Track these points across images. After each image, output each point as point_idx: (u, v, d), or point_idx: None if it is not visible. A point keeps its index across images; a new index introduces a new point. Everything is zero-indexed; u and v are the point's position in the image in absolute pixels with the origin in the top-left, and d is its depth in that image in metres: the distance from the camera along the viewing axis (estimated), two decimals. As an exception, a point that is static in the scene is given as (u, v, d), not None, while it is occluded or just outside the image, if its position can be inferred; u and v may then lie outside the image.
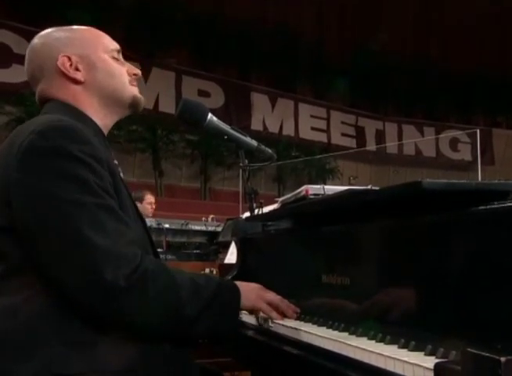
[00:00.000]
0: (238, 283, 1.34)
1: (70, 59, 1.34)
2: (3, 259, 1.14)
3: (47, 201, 1.10)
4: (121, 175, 1.32)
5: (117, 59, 1.41)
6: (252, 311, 1.41)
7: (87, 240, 1.08)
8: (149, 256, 1.19)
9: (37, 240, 1.11)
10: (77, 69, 1.35)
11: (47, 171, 1.12)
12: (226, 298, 1.25)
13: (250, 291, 1.35)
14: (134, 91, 1.42)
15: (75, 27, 1.43)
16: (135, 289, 1.09)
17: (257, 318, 1.45)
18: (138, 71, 1.45)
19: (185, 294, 1.16)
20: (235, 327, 1.29)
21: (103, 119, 1.38)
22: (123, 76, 1.40)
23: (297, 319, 1.42)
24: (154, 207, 5.26)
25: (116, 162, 1.33)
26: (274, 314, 1.39)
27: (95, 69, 1.36)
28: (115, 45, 1.43)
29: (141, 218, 1.33)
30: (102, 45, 1.40)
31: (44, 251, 1.11)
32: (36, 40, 1.40)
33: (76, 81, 1.34)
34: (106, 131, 1.39)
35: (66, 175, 1.12)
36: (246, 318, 1.50)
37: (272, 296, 1.40)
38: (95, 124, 1.35)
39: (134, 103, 1.42)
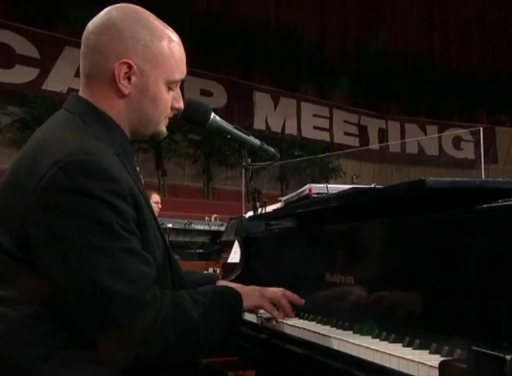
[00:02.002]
0: (238, 286, 1.35)
1: (130, 67, 1.23)
2: (13, 284, 1.12)
3: (68, 245, 1.07)
4: (142, 181, 1.30)
5: (171, 89, 1.31)
6: (253, 310, 1.42)
7: (107, 289, 1.06)
8: (167, 295, 1.16)
9: (56, 283, 1.09)
10: (129, 80, 1.24)
11: (68, 212, 1.08)
12: (230, 311, 1.26)
13: (250, 292, 1.36)
14: (162, 127, 1.35)
15: (163, 30, 1.30)
16: (156, 338, 1.10)
17: (259, 317, 1.45)
18: (181, 106, 1.37)
19: (198, 324, 1.17)
20: (238, 335, 1.29)
21: (128, 133, 1.31)
22: (164, 111, 1.32)
23: (301, 317, 1.42)
24: (160, 206, 5.30)
25: (138, 168, 1.32)
26: (275, 312, 1.39)
27: (145, 93, 1.27)
28: (181, 76, 1.32)
29: (160, 231, 1.29)
30: (170, 73, 1.29)
31: (63, 295, 1.09)
32: (114, 17, 1.25)
33: (120, 93, 1.25)
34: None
35: (89, 217, 1.08)
36: (251, 317, 1.50)
37: (272, 293, 1.41)
38: (123, 132, 1.29)
39: (154, 137, 1.36)
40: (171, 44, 1.30)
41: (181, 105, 1.37)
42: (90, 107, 1.26)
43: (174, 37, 1.32)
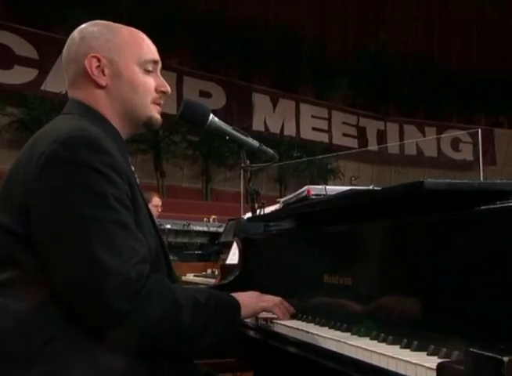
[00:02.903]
0: (236, 294, 1.35)
1: (99, 60, 1.32)
2: (17, 266, 1.14)
3: (64, 214, 1.10)
4: (137, 181, 1.31)
5: (149, 72, 1.37)
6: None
7: (97, 259, 1.07)
8: (156, 275, 1.17)
9: (49, 250, 1.11)
10: (103, 72, 1.32)
11: (67, 183, 1.11)
12: (227, 314, 1.26)
13: (249, 300, 1.36)
14: (152, 111, 1.38)
15: (120, 27, 1.39)
16: (138, 311, 1.09)
17: (257, 320, 1.45)
18: (168, 89, 1.41)
19: (188, 315, 1.16)
20: (236, 340, 1.29)
21: (121, 127, 1.36)
22: (147, 93, 1.37)
23: (300, 319, 1.42)
24: (160, 210, 5.30)
25: (133, 168, 1.33)
26: (276, 309, 1.40)
27: (120, 79, 1.33)
28: (152, 56, 1.38)
29: (154, 225, 1.31)
30: (138, 55, 1.35)
31: (53, 263, 1.11)
32: (77, 31, 1.37)
33: (98, 85, 1.32)
34: (124, 138, 1.38)
35: (86, 188, 1.11)
36: (248, 319, 1.50)
37: (270, 298, 1.42)
38: (115, 129, 1.34)
39: (148, 124, 1.39)
40: (131, 33, 1.38)
41: (167, 88, 1.42)
42: (84, 106, 1.33)
43: (134, 30, 1.40)
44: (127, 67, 1.34)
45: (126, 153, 1.34)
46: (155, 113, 1.39)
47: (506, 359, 0.71)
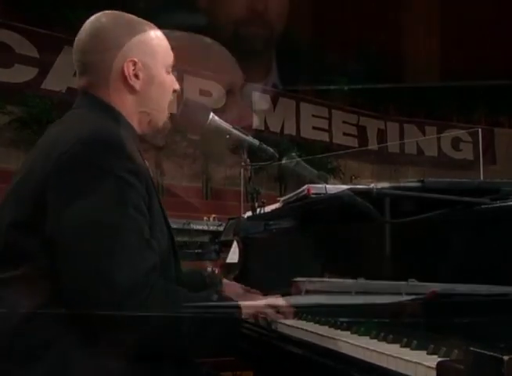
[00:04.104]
0: (233, 294, 1.38)
1: (135, 64, 1.31)
2: (25, 263, 1.14)
3: (81, 218, 1.10)
4: (151, 173, 1.32)
5: (168, 72, 1.40)
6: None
7: (105, 268, 1.08)
8: (160, 284, 1.16)
9: (61, 251, 1.11)
10: (136, 76, 1.32)
11: (88, 187, 1.11)
12: (227, 315, 1.26)
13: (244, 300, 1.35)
14: (164, 118, 1.40)
15: (148, 25, 1.38)
16: (138, 322, 1.09)
17: (257, 319, 1.45)
18: (178, 87, 1.43)
19: (187, 323, 1.16)
20: (238, 339, 1.29)
21: (138, 129, 1.37)
22: (168, 96, 1.40)
23: (299, 318, 1.42)
24: None
25: (146, 161, 1.34)
26: (270, 311, 1.39)
27: (152, 84, 1.35)
28: (172, 58, 1.41)
29: (167, 222, 1.32)
30: (164, 59, 1.38)
31: (63, 265, 1.11)
32: (111, 24, 1.34)
33: (131, 89, 1.32)
34: None
35: (106, 195, 1.12)
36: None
37: (268, 299, 1.41)
38: (133, 128, 1.34)
39: (157, 131, 1.42)
40: (156, 32, 1.40)
41: (178, 86, 1.43)
42: (104, 104, 1.31)
43: (154, 26, 1.41)
44: (158, 72, 1.36)
45: (141, 150, 1.34)
46: (163, 121, 1.41)
47: (506, 357, 0.71)
